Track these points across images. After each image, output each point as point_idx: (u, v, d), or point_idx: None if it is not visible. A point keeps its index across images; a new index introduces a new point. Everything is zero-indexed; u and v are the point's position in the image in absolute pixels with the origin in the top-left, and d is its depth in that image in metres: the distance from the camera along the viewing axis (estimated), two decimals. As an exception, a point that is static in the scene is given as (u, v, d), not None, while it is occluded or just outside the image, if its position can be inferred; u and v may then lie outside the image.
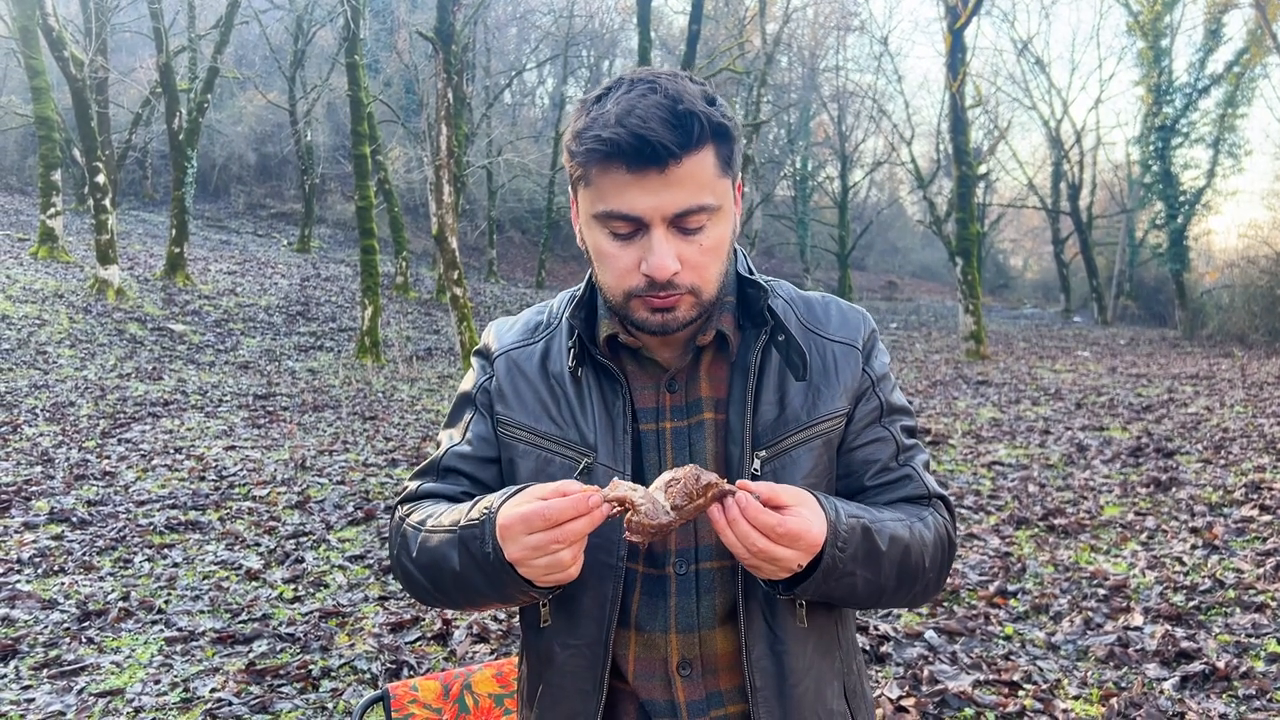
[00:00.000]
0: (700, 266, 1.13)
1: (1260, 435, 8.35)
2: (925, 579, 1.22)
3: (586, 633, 1.19)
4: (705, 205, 1.09)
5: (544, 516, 1.01)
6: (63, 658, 3.81)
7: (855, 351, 1.26)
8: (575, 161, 1.11)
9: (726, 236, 1.16)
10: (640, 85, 1.08)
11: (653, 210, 1.08)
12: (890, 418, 1.28)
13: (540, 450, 1.24)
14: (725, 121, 1.10)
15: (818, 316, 1.29)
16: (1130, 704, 3.33)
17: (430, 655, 3.92)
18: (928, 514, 1.24)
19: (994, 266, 48.19)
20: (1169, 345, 21.08)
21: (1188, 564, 4.94)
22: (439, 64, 13.60)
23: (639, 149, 1.04)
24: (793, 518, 1.04)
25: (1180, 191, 27.80)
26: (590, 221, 1.14)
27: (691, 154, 1.07)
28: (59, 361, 11.10)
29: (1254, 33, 25.27)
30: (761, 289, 1.23)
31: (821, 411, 1.22)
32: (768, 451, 1.19)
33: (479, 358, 1.36)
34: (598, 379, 1.24)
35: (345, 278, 21.82)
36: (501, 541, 1.05)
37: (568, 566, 1.05)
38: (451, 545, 1.14)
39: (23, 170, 26.06)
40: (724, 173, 1.12)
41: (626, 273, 1.12)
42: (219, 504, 6.19)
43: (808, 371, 1.22)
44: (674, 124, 1.05)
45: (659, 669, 1.22)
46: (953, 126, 18.41)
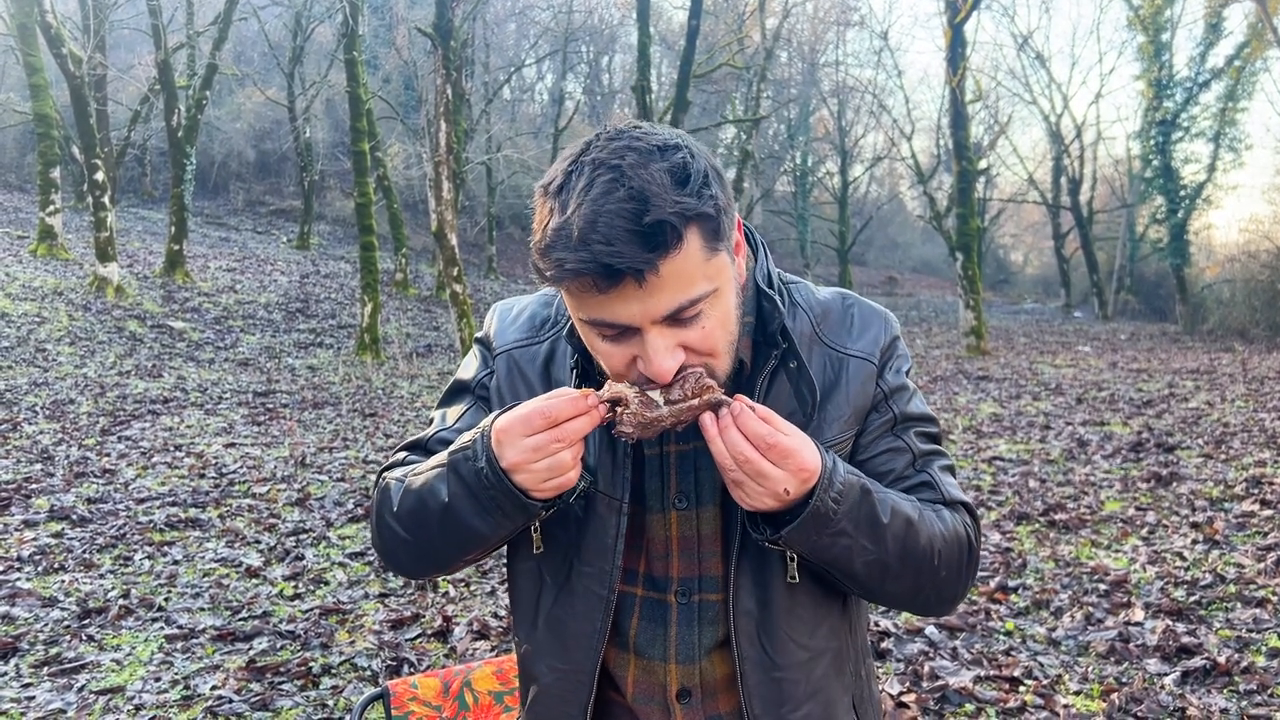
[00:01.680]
0: (707, 349, 1.06)
1: (1261, 430, 8.35)
2: (938, 574, 1.16)
3: (573, 659, 1.17)
4: (697, 297, 1.01)
5: (544, 414, 1.00)
6: (63, 655, 3.81)
7: (871, 366, 1.21)
8: (545, 279, 1.02)
9: (730, 308, 1.07)
10: (602, 179, 0.96)
11: (640, 316, 1.00)
12: (904, 426, 1.23)
13: None
14: (703, 207, 0.98)
15: (834, 328, 1.23)
16: (1131, 699, 3.33)
17: (431, 652, 3.92)
18: (946, 511, 1.19)
19: (994, 262, 48.19)
20: (1170, 340, 21.07)
21: (1188, 559, 4.94)
22: (438, 60, 13.58)
23: (605, 274, 0.95)
24: (786, 437, 1.01)
25: (1181, 186, 27.79)
26: (577, 319, 1.08)
27: (669, 258, 0.96)
28: (58, 359, 11.10)
29: (1254, 27, 25.24)
30: (777, 309, 1.15)
31: (827, 436, 1.17)
32: None
33: (480, 346, 1.31)
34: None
35: (345, 274, 21.81)
36: (498, 448, 1.02)
37: (568, 469, 1.03)
38: (440, 479, 1.09)
39: (22, 168, 26.05)
40: (714, 250, 1.01)
41: (624, 369, 1.06)
42: (219, 501, 6.19)
43: (814, 411, 1.16)
44: (642, 238, 0.94)
45: (658, 694, 1.21)
46: (953, 121, 18.40)
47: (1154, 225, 30.59)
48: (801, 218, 37.03)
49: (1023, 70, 42.58)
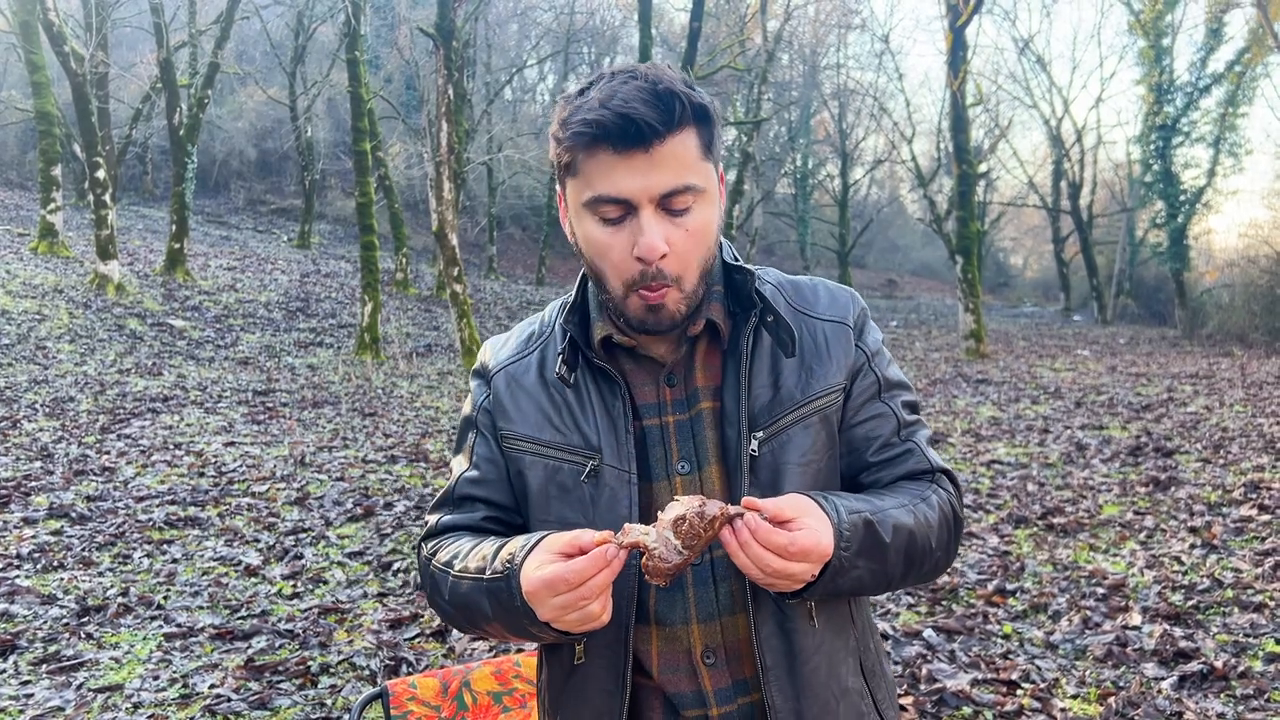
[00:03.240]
0: (685, 253, 1.14)
1: (1259, 435, 8.35)
2: (933, 559, 1.22)
3: (606, 632, 1.18)
4: (691, 185, 1.11)
5: (566, 580, 1.03)
6: (62, 653, 3.81)
7: (846, 328, 1.27)
8: (562, 148, 1.13)
9: (712, 220, 1.17)
10: (621, 74, 1.11)
11: (640, 191, 1.10)
12: (890, 393, 1.28)
13: (546, 459, 1.25)
14: (705, 104, 1.12)
15: (806, 298, 1.29)
16: (1128, 703, 3.33)
17: (429, 652, 3.92)
18: (930, 493, 1.24)
19: (994, 265, 48.20)
20: (1169, 344, 21.08)
21: (1186, 563, 4.94)
22: (439, 60, 13.59)
23: (624, 128, 1.06)
24: (802, 534, 1.05)
25: (1181, 190, 27.79)
26: (580, 212, 1.16)
27: (675, 133, 1.09)
28: (59, 357, 11.10)
29: (1255, 32, 25.25)
30: (748, 273, 1.24)
31: (816, 389, 1.22)
32: (764, 432, 1.20)
33: (477, 378, 1.36)
34: (595, 381, 1.25)
35: (345, 274, 21.81)
36: (532, 603, 1.07)
37: (598, 616, 1.07)
38: (480, 593, 1.16)
39: (23, 165, 26.05)
40: (706, 156, 1.14)
41: (623, 262, 1.14)
42: (218, 500, 6.19)
43: (796, 347, 1.23)
44: (656, 103, 1.07)
45: (683, 661, 1.23)
46: (953, 125, 18.40)
47: (1154, 229, 30.57)
48: (802, 220, 37.04)
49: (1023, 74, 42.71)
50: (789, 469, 1.20)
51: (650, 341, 1.25)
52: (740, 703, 1.22)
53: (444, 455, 7.82)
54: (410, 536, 5.56)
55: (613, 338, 1.23)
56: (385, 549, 5.32)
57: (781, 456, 1.20)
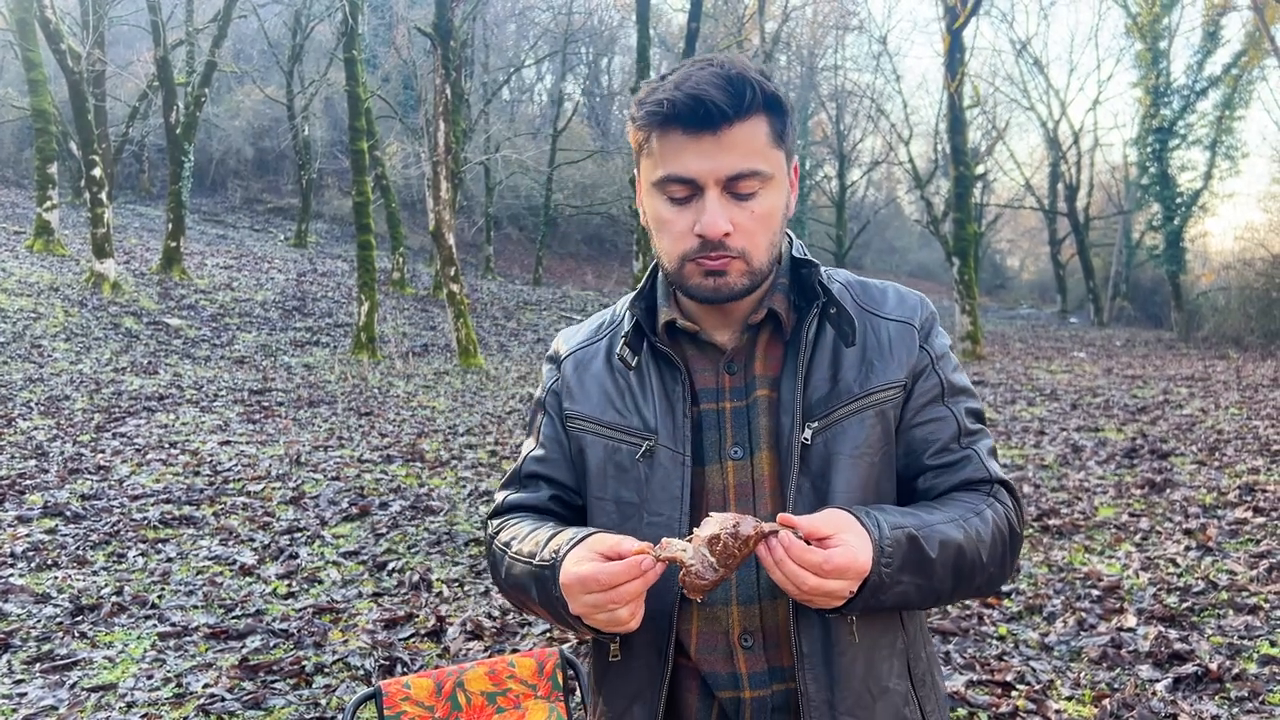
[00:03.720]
0: (751, 233, 1.17)
1: (1255, 437, 8.37)
2: (985, 573, 1.21)
3: (651, 607, 1.18)
4: (758, 170, 1.15)
5: (598, 580, 1.07)
6: (55, 652, 3.80)
7: (911, 329, 1.27)
8: (637, 128, 1.18)
9: (779, 207, 1.20)
10: (699, 63, 1.17)
11: (707, 173, 1.14)
12: (953, 398, 1.28)
13: (606, 439, 1.29)
14: (778, 94, 1.16)
15: (874, 297, 1.31)
16: (1123, 705, 3.33)
17: (424, 652, 3.91)
18: (985, 506, 1.22)
19: (991, 267, 48.26)
20: (1165, 347, 21.11)
21: (1181, 565, 4.95)
22: (437, 60, 13.59)
23: (694, 109, 1.11)
24: (838, 551, 1.05)
25: (1177, 193, 27.83)
26: (650, 191, 1.20)
27: (744, 119, 1.13)
28: (54, 355, 11.08)
29: (1252, 35, 25.30)
30: (814, 266, 1.27)
31: (874, 383, 1.23)
32: (819, 422, 1.21)
33: (549, 364, 1.43)
34: (657, 366, 1.29)
35: (342, 273, 21.79)
36: (566, 595, 1.11)
37: (625, 622, 1.10)
38: (530, 578, 1.21)
39: (19, 163, 26.00)
40: (777, 145, 1.18)
41: (681, 236, 1.18)
42: (213, 499, 6.18)
43: (856, 337, 1.24)
44: (727, 88, 1.12)
45: (721, 641, 1.23)
46: (951, 126, 18.42)
47: (1150, 232, 30.64)
48: (799, 221, 37.05)
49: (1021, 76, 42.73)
50: (840, 460, 1.20)
51: (711, 325, 1.28)
52: (774, 689, 1.22)
53: (439, 455, 7.82)
54: (406, 536, 5.55)
55: (676, 322, 1.27)
56: (380, 549, 5.31)
57: (834, 447, 1.21)
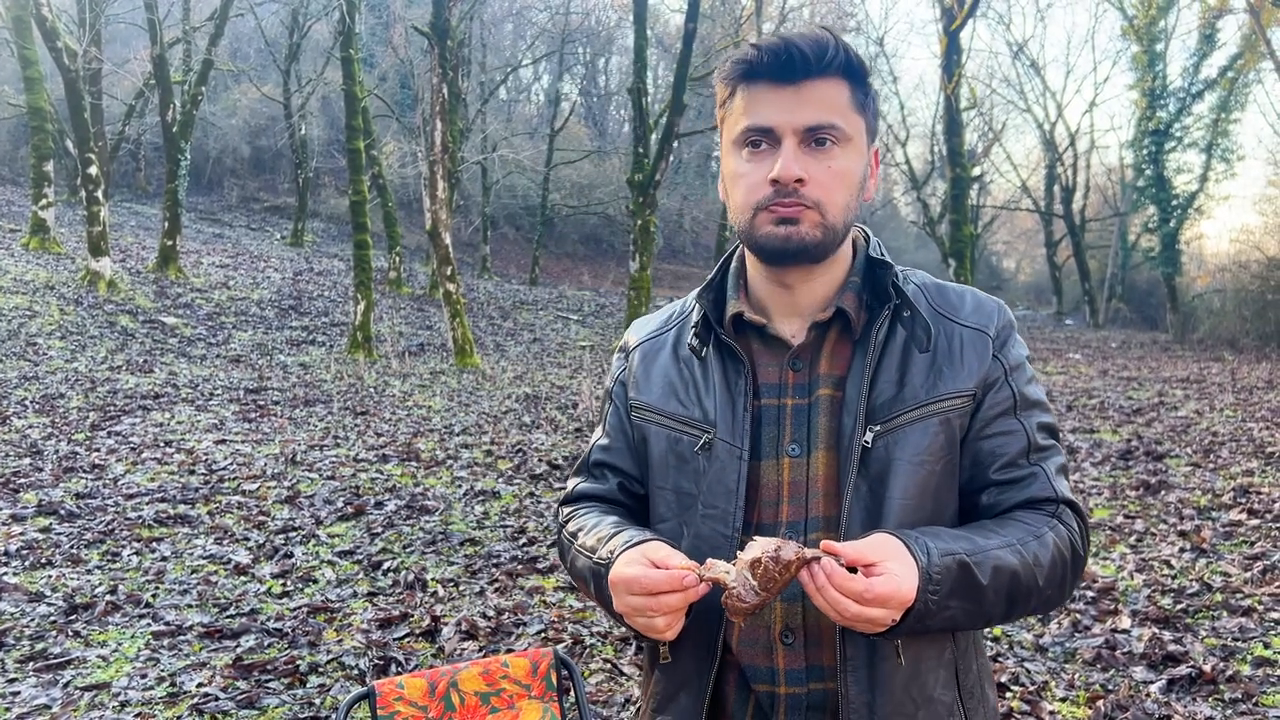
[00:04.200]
0: (827, 187, 1.18)
1: (1249, 439, 8.39)
2: (1041, 596, 1.18)
3: (707, 599, 1.18)
4: (835, 125, 1.17)
5: (642, 584, 1.10)
6: (49, 651, 3.80)
7: (986, 337, 1.24)
8: (724, 82, 1.22)
9: (856, 170, 1.21)
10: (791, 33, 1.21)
11: (784, 122, 1.16)
12: (1026, 412, 1.24)
13: (669, 430, 1.31)
14: (863, 64, 1.20)
15: (950, 302, 1.28)
16: (1117, 706, 3.34)
17: (419, 652, 3.91)
18: (1047, 529, 1.19)
19: (987, 268, 48.29)
20: (1160, 349, 21.15)
21: (1176, 567, 4.96)
22: (434, 59, 13.58)
23: (777, 56, 1.15)
24: (881, 580, 1.03)
25: (1173, 195, 27.87)
26: (730, 148, 1.22)
27: (825, 76, 1.17)
28: (49, 353, 11.06)
29: (1248, 38, 25.34)
30: (890, 267, 1.26)
31: (942, 391, 1.20)
32: (881, 426, 1.19)
33: (619, 354, 1.46)
34: (721, 358, 1.29)
35: (338, 272, 21.77)
36: (612, 593, 1.16)
37: (662, 631, 1.12)
38: (589, 572, 1.26)
39: (15, 161, 25.95)
40: (858, 111, 1.20)
41: (756, 186, 1.19)
42: (208, 498, 6.17)
43: (931, 343, 1.23)
44: (812, 43, 1.16)
45: (763, 636, 1.23)
46: (947, 128, 18.44)
47: (1146, 234, 30.68)
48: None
49: (1017, 78, 42.77)
50: (900, 465, 1.18)
51: (780, 320, 1.28)
52: (812, 687, 1.21)
53: (435, 455, 7.82)
54: (401, 536, 5.55)
55: (744, 315, 1.27)
56: (375, 548, 5.31)
57: (895, 452, 1.19)
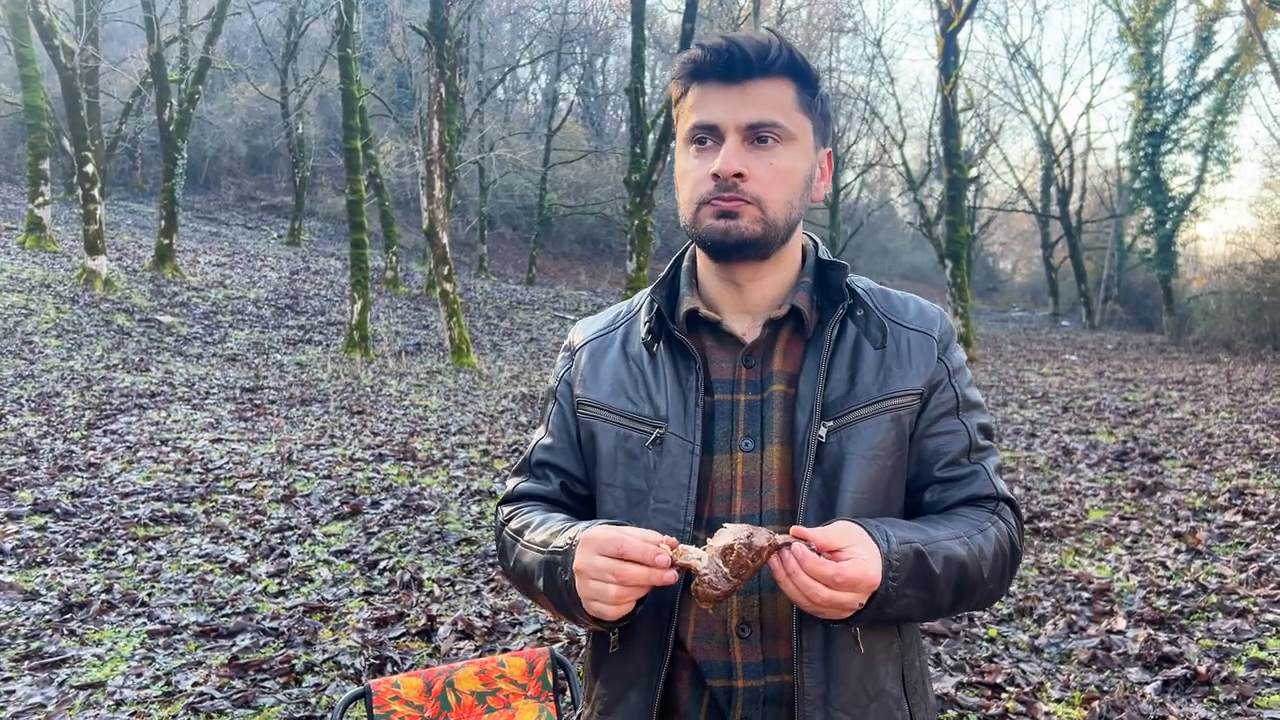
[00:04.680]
0: (768, 183, 1.20)
1: (1245, 441, 8.40)
2: (984, 590, 1.23)
3: (655, 595, 1.19)
4: (778, 123, 1.19)
5: (615, 545, 1.09)
6: (44, 649, 3.79)
7: (931, 339, 1.29)
8: (677, 82, 1.24)
9: (799, 170, 1.23)
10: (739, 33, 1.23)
11: (728, 119, 1.19)
12: (967, 413, 1.30)
13: (617, 426, 1.30)
14: (806, 64, 1.21)
15: (895, 306, 1.32)
16: (1112, 707, 3.34)
17: (414, 651, 3.91)
18: (989, 523, 1.25)
19: (983, 269, 48.34)
20: (1156, 350, 21.18)
21: (1171, 568, 4.96)
22: (432, 59, 13.57)
23: (719, 55, 1.18)
24: (850, 564, 1.06)
25: (1169, 197, 27.92)
26: (681, 147, 1.25)
27: (769, 76, 1.19)
28: (45, 352, 11.04)
29: (1245, 40, 25.40)
30: (842, 268, 1.30)
31: (893, 388, 1.25)
32: (834, 422, 1.22)
33: (564, 352, 1.45)
34: (672, 354, 1.30)
35: (335, 271, 21.75)
36: (579, 550, 1.14)
37: (609, 601, 1.10)
38: (539, 565, 1.23)
39: (11, 159, 25.88)
40: (803, 110, 1.22)
41: (700, 181, 1.21)
42: (204, 497, 6.16)
43: (886, 340, 1.27)
44: (755, 42, 1.19)
45: (719, 630, 1.23)
46: (944, 129, 18.46)
47: (1142, 236, 30.71)
48: (792, 222, 37.01)
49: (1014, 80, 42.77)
50: (853, 460, 1.21)
51: (732, 317, 1.29)
52: (768, 680, 1.22)
53: (431, 454, 7.81)
54: (397, 535, 5.55)
55: (698, 311, 1.28)
56: (372, 547, 5.31)
57: (848, 446, 1.22)
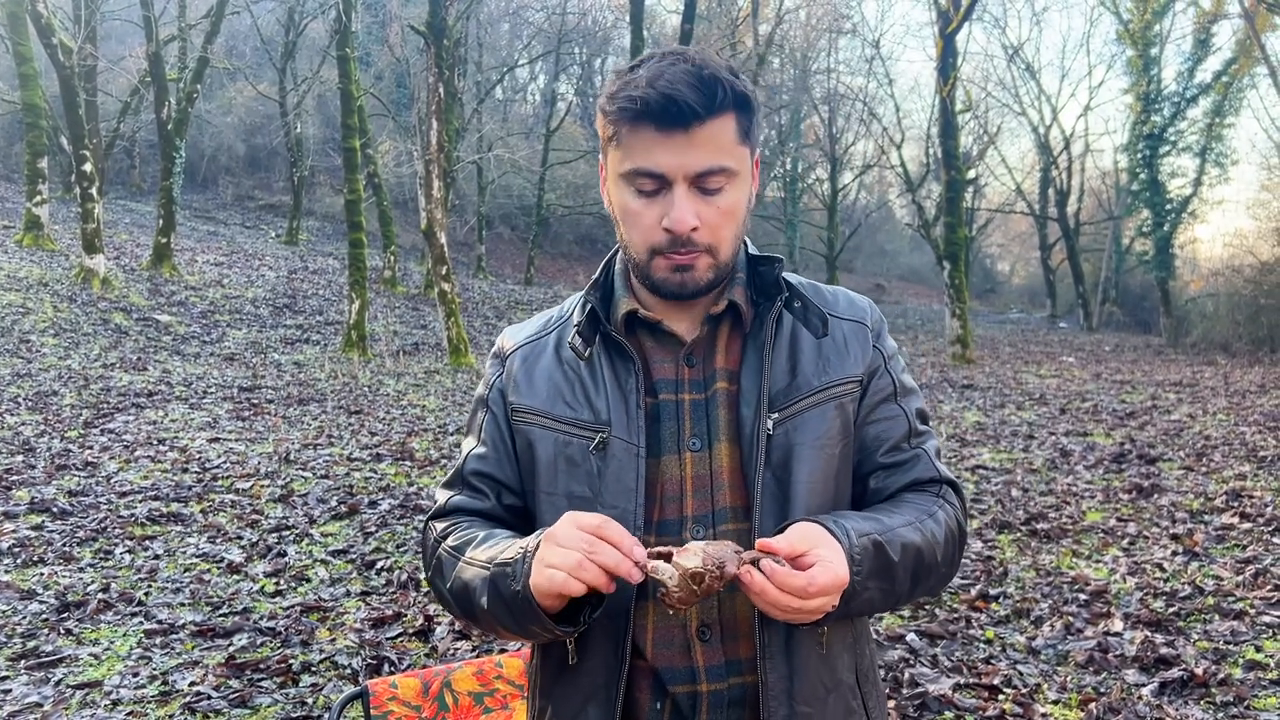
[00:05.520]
0: (717, 227, 1.18)
1: (1242, 443, 8.41)
2: (938, 574, 1.25)
3: (610, 604, 1.18)
4: (725, 167, 1.16)
5: (594, 525, 1.06)
6: (41, 649, 3.78)
7: (864, 328, 1.31)
8: (608, 121, 1.18)
9: (743, 202, 1.22)
10: (670, 56, 1.17)
11: (676, 168, 1.15)
12: (904, 398, 1.32)
13: (556, 433, 1.27)
14: (747, 92, 1.17)
15: (826, 299, 1.34)
16: (1109, 709, 3.35)
17: (412, 651, 3.91)
18: (937, 507, 1.26)
19: (981, 271, 48.38)
20: (1153, 352, 21.20)
21: (1168, 570, 4.97)
22: (431, 58, 13.57)
23: (666, 107, 1.12)
24: (819, 570, 1.05)
25: (1167, 199, 27.97)
26: (618, 181, 1.21)
27: (714, 117, 1.14)
28: (42, 350, 11.02)
29: (1243, 43, 25.45)
30: (775, 261, 1.29)
31: (833, 376, 1.26)
32: (780, 414, 1.22)
33: (493, 359, 1.40)
34: (610, 357, 1.27)
35: (333, 271, 21.73)
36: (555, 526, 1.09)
37: (566, 570, 1.04)
38: (483, 581, 1.18)
39: (9, 157, 25.84)
40: (743, 141, 1.19)
41: (650, 229, 1.18)
42: (201, 496, 6.16)
43: (827, 329, 1.27)
44: (699, 87, 1.12)
45: (678, 635, 1.22)
46: (943, 131, 18.47)
47: (1140, 238, 30.76)
48: (791, 223, 37.10)
49: (1013, 81, 42.83)
50: (802, 450, 1.21)
51: (672, 316, 1.28)
52: (732, 682, 1.22)
53: (429, 454, 7.80)
54: (395, 535, 5.54)
55: (638, 312, 1.26)
56: (369, 547, 5.30)
57: (796, 437, 1.22)
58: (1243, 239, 28.63)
